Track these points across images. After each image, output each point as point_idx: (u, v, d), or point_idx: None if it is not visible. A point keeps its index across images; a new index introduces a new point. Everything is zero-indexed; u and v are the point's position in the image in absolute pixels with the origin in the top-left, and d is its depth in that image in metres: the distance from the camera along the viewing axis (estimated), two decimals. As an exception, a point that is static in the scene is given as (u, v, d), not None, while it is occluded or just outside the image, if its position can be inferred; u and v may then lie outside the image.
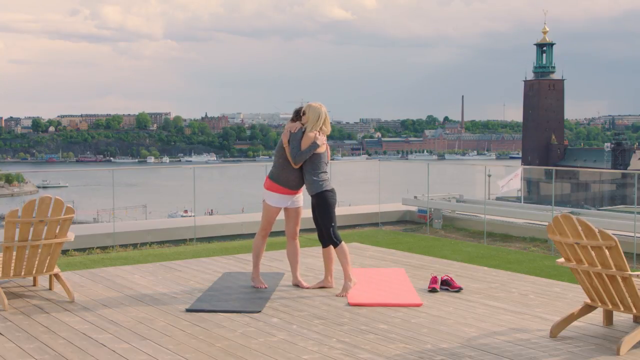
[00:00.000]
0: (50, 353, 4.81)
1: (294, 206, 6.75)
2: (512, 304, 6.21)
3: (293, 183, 6.60)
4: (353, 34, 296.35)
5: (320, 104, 6.63)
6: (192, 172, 12.03)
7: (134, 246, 10.35)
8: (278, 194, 6.62)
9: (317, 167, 6.52)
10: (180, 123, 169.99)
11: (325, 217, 6.52)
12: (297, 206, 6.77)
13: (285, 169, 6.56)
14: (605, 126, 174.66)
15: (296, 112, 6.72)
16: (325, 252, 6.74)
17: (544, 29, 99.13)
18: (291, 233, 6.83)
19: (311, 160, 6.50)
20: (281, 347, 4.95)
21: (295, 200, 6.74)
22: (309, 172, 6.51)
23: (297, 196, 6.73)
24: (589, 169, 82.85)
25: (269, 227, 6.77)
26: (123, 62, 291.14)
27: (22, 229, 6.10)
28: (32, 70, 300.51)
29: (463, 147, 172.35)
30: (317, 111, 6.56)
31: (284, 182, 6.59)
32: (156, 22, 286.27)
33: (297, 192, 6.70)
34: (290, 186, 6.60)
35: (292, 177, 6.58)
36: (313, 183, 6.51)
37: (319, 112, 6.56)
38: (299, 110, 6.71)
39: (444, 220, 12.97)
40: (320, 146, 6.50)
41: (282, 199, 6.64)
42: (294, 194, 6.69)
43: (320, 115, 6.55)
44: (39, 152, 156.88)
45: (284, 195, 6.63)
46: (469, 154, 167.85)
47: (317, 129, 6.53)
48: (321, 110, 6.58)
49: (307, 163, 6.51)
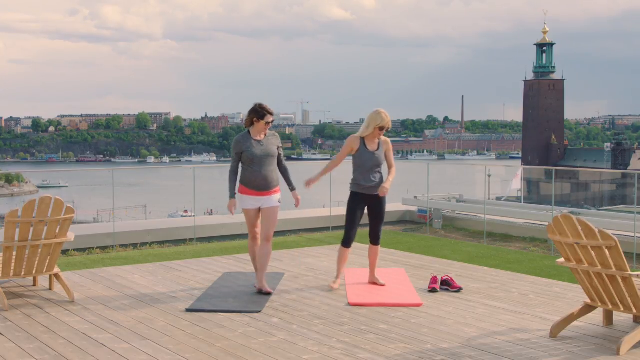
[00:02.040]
0: (50, 353, 4.81)
1: (267, 205, 6.55)
2: (512, 304, 6.21)
3: (260, 183, 6.47)
4: (353, 34, 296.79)
5: (379, 110, 6.68)
6: (192, 172, 12.02)
7: (134, 246, 10.35)
8: (247, 196, 6.52)
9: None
10: (180, 123, 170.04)
11: (384, 216, 6.94)
12: (270, 205, 6.56)
13: (247, 172, 6.49)
14: (605, 126, 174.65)
15: (255, 111, 6.52)
16: (374, 250, 6.98)
17: (544, 29, 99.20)
18: (265, 235, 6.59)
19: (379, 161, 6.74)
20: (281, 347, 4.95)
21: (268, 200, 6.55)
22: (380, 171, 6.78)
23: (268, 197, 6.56)
24: (589, 169, 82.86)
25: (253, 229, 6.70)
26: (123, 62, 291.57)
27: (22, 229, 6.10)
28: (32, 70, 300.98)
29: (463, 147, 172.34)
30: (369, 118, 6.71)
31: (249, 184, 6.49)
32: (156, 22, 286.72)
33: (266, 193, 6.53)
34: (257, 187, 6.48)
35: (260, 178, 6.46)
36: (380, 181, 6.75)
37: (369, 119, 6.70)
38: (256, 109, 6.51)
39: (444, 220, 12.97)
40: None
41: (253, 200, 6.52)
42: (265, 195, 6.53)
43: (369, 122, 6.67)
44: (39, 152, 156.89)
45: (255, 197, 6.51)
46: (469, 154, 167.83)
47: (364, 134, 6.68)
48: (371, 116, 6.69)
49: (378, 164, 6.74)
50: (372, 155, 6.67)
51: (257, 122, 6.50)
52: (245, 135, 6.53)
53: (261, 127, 6.51)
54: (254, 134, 6.53)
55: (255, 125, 6.52)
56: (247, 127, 6.58)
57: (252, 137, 6.51)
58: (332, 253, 8.96)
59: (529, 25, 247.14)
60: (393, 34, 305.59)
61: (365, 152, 6.67)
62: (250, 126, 6.54)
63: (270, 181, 6.52)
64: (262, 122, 6.48)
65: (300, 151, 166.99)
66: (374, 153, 6.68)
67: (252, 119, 6.50)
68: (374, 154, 6.68)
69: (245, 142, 6.48)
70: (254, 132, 6.53)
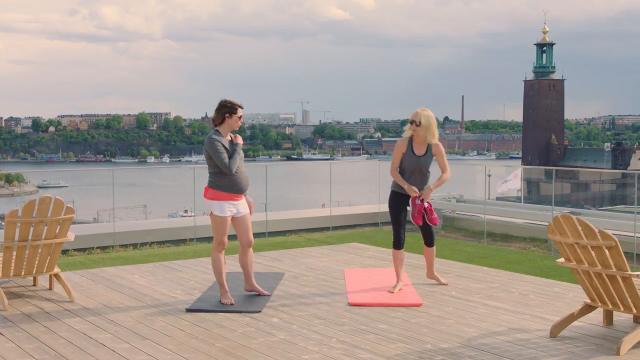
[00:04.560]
0: (50, 353, 4.81)
1: (243, 211, 6.21)
2: (512, 304, 6.21)
3: (244, 185, 6.15)
4: (352, 34, 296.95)
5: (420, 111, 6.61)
6: (192, 172, 12.02)
7: (134, 246, 10.34)
8: (226, 202, 6.08)
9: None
10: (180, 123, 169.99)
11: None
12: (246, 211, 6.24)
13: (224, 175, 6.05)
14: (605, 126, 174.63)
15: (224, 106, 6.12)
16: (427, 251, 7.01)
17: (544, 29, 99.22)
18: (246, 241, 6.29)
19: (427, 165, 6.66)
20: (281, 347, 4.95)
21: (242, 205, 6.21)
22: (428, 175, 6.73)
23: (241, 202, 6.20)
24: (589, 169, 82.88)
25: (224, 239, 6.15)
26: (123, 62, 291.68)
27: (22, 229, 6.10)
28: (32, 70, 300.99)
29: (463, 147, 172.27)
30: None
31: (232, 187, 6.09)
32: (155, 22, 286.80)
33: (241, 196, 6.20)
34: (241, 190, 6.13)
35: (244, 179, 6.14)
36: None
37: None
38: (225, 104, 6.12)
39: (444, 220, 12.96)
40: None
41: (231, 206, 6.10)
42: (240, 199, 6.19)
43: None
44: (39, 152, 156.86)
45: (233, 202, 6.11)
46: (469, 154, 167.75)
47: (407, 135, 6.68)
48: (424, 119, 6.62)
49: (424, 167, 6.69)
50: (417, 160, 6.64)
51: (229, 118, 6.09)
52: (219, 135, 6.08)
53: (234, 122, 6.11)
54: (225, 133, 6.13)
55: (226, 122, 6.10)
56: (217, 125, 6.12)
57: (224, 136, 6.10)
58: (332, 253, 8.97)
59: (528, 25, 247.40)
60: (392, 34, 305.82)
61: (409, 156, 6.65)
62: (221, 124, 6.11)
63: (245, 184, 6.19)
64: (234, 116, 6.08)
65: (300, 151, 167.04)
66: (419, 157, 6.65)
67: (224, 115, 6.08)
68: (419, 158, 6.65)
69: (224, 141, 6.07)
70: (223, 132, 6.11)
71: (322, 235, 11.44)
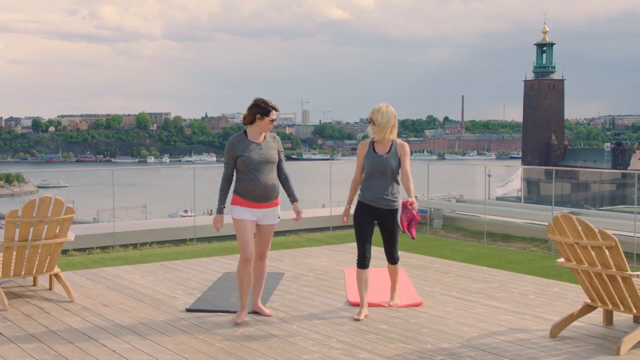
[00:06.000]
0: (50, 353, 4.81)
1: (266, 222, 5.73)
2: (512, 304, 6.21)
3: (259, 194, 5.61)
4: (352, 34, 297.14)
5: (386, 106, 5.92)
6: (192, 172, 12.02)
7: (134, 246, 10.34)
8: (243, 208, 5.63)
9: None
10: (180, 123, 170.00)
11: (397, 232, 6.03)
12: (269, 223, 5.75)
13: (244, 180, 5.61)
14: (605, 126, 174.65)
15: (257, 106, 5.67)
16: (391, 269, 6.22)
17: (544, 29, 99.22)
18: (260, 253, 5.79)
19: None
20: (281, 347, 4.95)
21: (266, 215, 5.71)
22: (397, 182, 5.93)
23: (267, 210, 5.69)
24: (589, 169, 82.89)
25: (246, 253, 5.61)
26: (122, 62, 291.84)
27: (22, 229, 6.10)
28: (32, 70, 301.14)
29: (463, 147, 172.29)
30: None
31: (247, 194, 5.61)
32: (155, 22, 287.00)
33: (265, 205, 5.67)
34: (256, 198, 5.62)
35: (259, 188, 5.60)
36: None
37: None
38: (259, 104, 5.68)
39: (444, 220, 12.96)
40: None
41: (250, 212, 5.63)
42: (263, 207, 5.67)
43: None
44: (39, 152, 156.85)
45: (252, 209, 5.64)
46: (469, 154, 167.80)
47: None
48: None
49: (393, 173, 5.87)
50: (379, 159, 5.85)
51: (261, 120, 5.61)
52: (241, 137, 5.65)
53: (265, 125, 5.62)
54: (252, 135, 5.65)
55: (257, 124, 5.63)
56: (246, 124, 5.68)
57: (249, 138, 5.64)
58: (332, 253, 8.98)
59: (528, 25, 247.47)
60: (392, 34, 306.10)
61: (370, 155, 5.89)
62: (250, 124, 5.66)
63: (272, 191, 5.66)
64: (266, 119, 5.60)
65: (300, 151, 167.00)
66: (380, 156, 5.85)
67: (255, 115, 5.61)
68: (381, 157, 5.84)
69: (241, 144, 5.60)
70: (252, 132, 5.65)
71: (322, 235, 11.44)
